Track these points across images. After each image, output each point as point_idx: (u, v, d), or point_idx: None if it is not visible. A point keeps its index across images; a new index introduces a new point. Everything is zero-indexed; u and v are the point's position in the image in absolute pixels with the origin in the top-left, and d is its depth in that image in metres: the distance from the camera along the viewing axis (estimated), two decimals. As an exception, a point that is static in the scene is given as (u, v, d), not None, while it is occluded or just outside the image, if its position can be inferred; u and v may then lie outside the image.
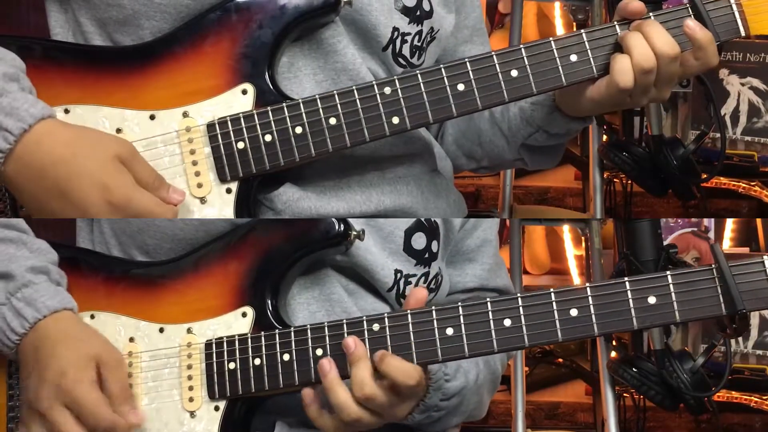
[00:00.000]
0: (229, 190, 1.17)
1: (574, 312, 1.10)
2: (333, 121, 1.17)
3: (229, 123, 1.17)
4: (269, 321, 1.17)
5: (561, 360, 2.76)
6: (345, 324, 1.14)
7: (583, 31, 1.19)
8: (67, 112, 1.17)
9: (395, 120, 1.17)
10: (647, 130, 2.26)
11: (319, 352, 1.14)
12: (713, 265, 1.09)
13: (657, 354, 2.04)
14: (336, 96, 1.17)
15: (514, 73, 1.18)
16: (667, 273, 1.10)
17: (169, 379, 1.18)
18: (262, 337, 1.16)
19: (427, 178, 1.33)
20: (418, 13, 1.28)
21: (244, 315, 1.18)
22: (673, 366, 2.00)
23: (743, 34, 1.19)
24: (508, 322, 1.11)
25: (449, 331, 1.12)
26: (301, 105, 1.17)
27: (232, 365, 1.16)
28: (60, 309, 1.16)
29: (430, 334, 1.12)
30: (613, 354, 2.20)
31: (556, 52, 1.18)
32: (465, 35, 1.42)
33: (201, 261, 1.21)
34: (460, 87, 1.17)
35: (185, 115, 1.18)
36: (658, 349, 2.04)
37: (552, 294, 1.11)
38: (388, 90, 1.17)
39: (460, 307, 1.12)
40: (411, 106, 1.17)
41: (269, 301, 1.18)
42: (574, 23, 2.63)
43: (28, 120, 1.07)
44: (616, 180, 2.53)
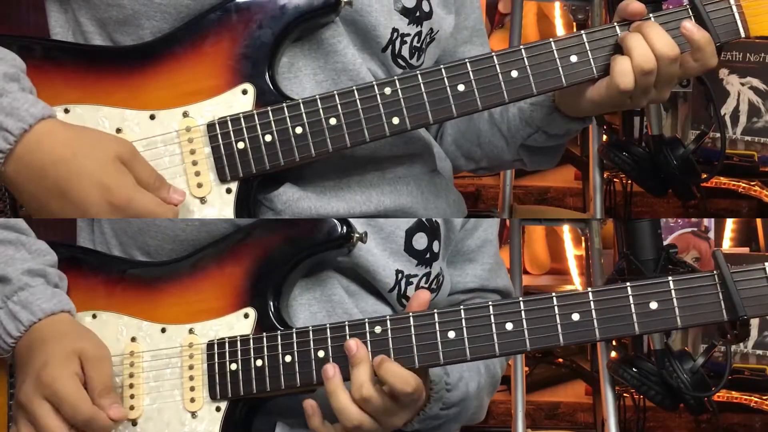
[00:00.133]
0: (229, 190, 1.17)
1: (575, 316, 1.10)
2: (333, 121, 1.17)
3: (230, 123, 1.17)
4: (271, 322, 1.17)
5: (561, 360, 2.75)
6: (347, 326, 1.14)
7: (583, 32, 1.19)
8: (67, 111, 1.17)
9: (395, 120, 1.17)
10: (647, 130, 2.26)
11: (320, 353, 1.14)
12: (715, 271, 1.09)
13: (657, 354, 2.04)
14: (336, 96, 1.17)
15: (515, 73, 1.18)
16: (669, 279, 1.10)
17: (170, 380, 1.18)
18: (264, 338, 1.16)
19: (426, 178, 1.33)
20: (418, 14, 1.28)
21: (246, 316, 1.18)
22: (673, 366, 2.00)
23: (743, 36, 1.19)
24: (509, 326, 1.11)
25: (451, 335, 1.12)
26: (301, 105, 1.17)
27: (233, 366, 1.16)
28: (56, 311, 1.16)
29: (431, 337, 1.12)
30: (613, 354, 2.20)
31: (556, 52, 1.18)
32: (464, 36, 1.42)
33: (203, 262, 1.21)
34: (461, 87, 1.17)
35: (185, 115, 1.18)
36: (658, 349, 2.04)
37: (554, 298, 1.11)
38: (388, 90, 1.17)
39: (462, 311, 1.12)
40: (411, 106, 1.17)
41: (271, 302, 1.18)
42: (574, 23, 2.63)
43: (28, 120, 1.07)
44: (616, 180, 2.53)
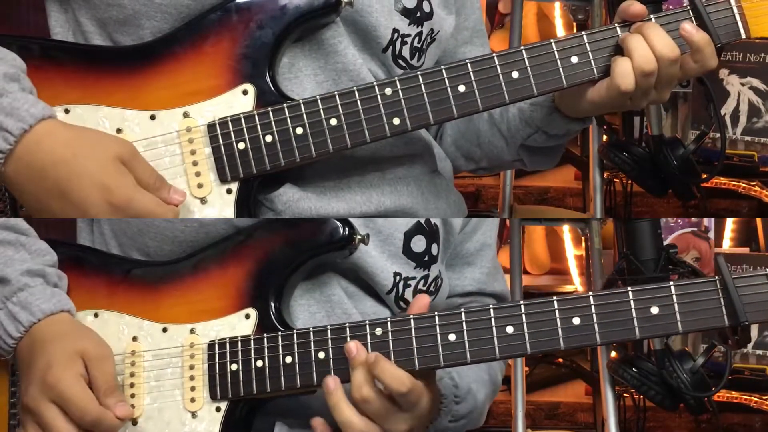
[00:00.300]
0: (229, 191, 1.17)
1: (576, 320, 1.10)
2: (334, 121, 1.17)
3: (230, 123, 1.17)
4: (272, 323, 1.17)
5: (561, 360, 2.75)
6: (348, 327, 1.14)
7: (583, 33, 1.19)
8: (67, 112, 1.17)
9: (396, 121, 1.17)
10: (647, 130, 2.26)
11: (321, 355, 1.14)
12: (717, 277, 1.09)
13: (657, 354, 2.04)
14: (337, 97, 1.17)
15: (515, 74, 1.18)
16: (671, 283, 1.10)
17: (171, 379, 1.19)
18: (265, 339, 1.16)
19: (427, 178, 1.33)
20: (419, 15, 1.28)
21: (248, 317, 1.18)
22: (673, 366, 2.00)
23: (744, 37, 1.19)
24: (510, 329, 1.11)
25: (452, 337, 1.12)
26: (301, 105, 1.17)
27: (234, 366, 1.16)
28: (56, 311, 1.16)
29: (432, 340, 1.12)
30: (613, 354, 2.20)
31: (556, 53, 1.18)
32: (465, 36, 1.42)
33: (205, 262, 1.21)
34: (461, 88, 1.17)
35: (186, 115, 1.18)
36: (658, 349, 2.04)
37: (555, 302, 1.11)
38: (388, 91, 1.17)
39: (462, 313, 1.12)
40: (412, 107, 1.17)
41: (273, 303, 1.18)
42: (574, 23, 2.63)
43: (28, 120, 1.07)
44: (616, 180, 2.53)
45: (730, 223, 2.63)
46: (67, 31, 1.25)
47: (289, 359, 1.15)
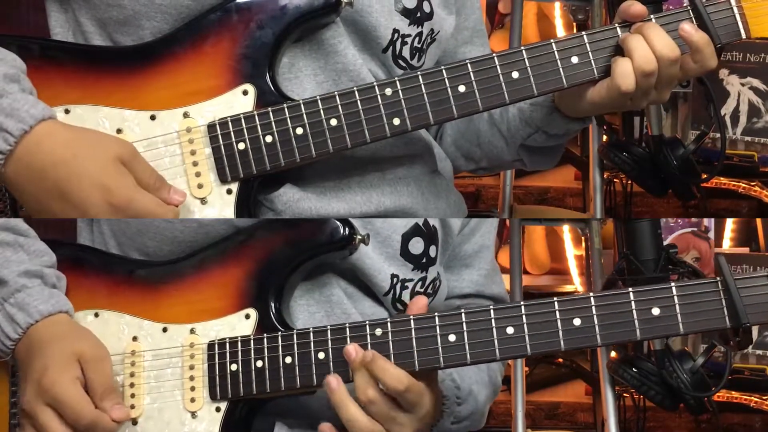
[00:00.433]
0: (229, 191, 1.17)
1: (577, 321, 1.10)
2: (334, 122, 1.17)
3: (230, 123, 1.17)
4: (272, 323, 1.17)
5: (561, 360, 2.75)
6: (348, 328, 1.14)
7: (584, 33, 1.19)
8: (67, 112, 1.17)
9: (396, 121, 1.17)
10: (647, 130, 2.25)
11: (321, 355, 1.14)
12: (718, 278, 1.09)
13: (657, 354, 2.04)
14: (337, 97, 1.17)
15: (515, 74, 1.18)
16: (672, 285, 1.09)
17: (171, 379, 1.19)
18: (265, 339, 1.16)
19: (427, 179, 1.33)
20: (419, 15, 1.28)
21: (248, 317, 1.18)
22: (673, 366, 2.00)
23: (744, 37, 1.19)
24: (510, 330, 1.11)
25: (452, 338, 1.11)
26: (301, 106, 1.17)
27: (234, 367, 1.16)
28: (54, 313, 1.16)
29: (432, 341, 1.12)
30: (613, 354, 2.20)
31: (557, 53, 1.18)
32: (465, 37, 1.42)
33: (205, 262, 1.21)
34: (461, 88, 1.17)
35: (186, 115, 1.18)
36: (658, 349, 2.04)
37: (555, 303, 1.11)
38: (389, 91, 1.17)
39: (463, 314, 1.12)
40: (412, 107, 1.17)
41: (273, 303, 1.18)
42: (574, 23, 2.63)
43: (28, 121, 1.07)
44: (616, 180, 2.53)
45: (730, 223, 2.63)
46: (67, 31, 1.25)
47: (288, 359, 1.15)
